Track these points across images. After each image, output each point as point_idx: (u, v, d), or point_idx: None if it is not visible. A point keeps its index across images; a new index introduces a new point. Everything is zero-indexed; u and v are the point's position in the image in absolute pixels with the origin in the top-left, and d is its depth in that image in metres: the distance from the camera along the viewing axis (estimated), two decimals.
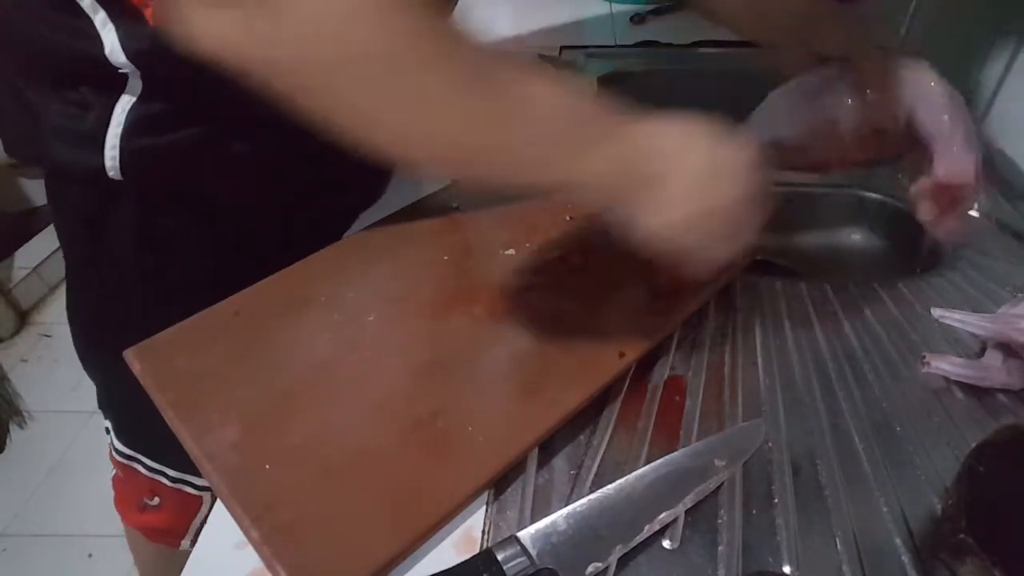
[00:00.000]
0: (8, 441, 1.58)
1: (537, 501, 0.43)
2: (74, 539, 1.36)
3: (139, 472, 0.72)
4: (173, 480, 0.72)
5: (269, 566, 0.38)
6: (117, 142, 0.52)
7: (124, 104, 0.52)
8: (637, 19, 1.18)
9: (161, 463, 0.72)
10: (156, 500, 0.73)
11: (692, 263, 0.43)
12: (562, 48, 0.99)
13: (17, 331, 1.88)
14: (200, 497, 0.73)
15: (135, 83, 0.52)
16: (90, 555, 1.33)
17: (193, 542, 0.75)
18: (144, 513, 0.74)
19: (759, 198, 0.42)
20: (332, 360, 0.50)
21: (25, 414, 1.62)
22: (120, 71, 0.51)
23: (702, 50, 1.10)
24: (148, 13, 0.49)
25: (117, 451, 0.73)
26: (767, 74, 1.07)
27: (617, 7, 1.18)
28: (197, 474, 0.72)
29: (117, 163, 0.53)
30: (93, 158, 0.53)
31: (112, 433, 0.74)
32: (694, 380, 0.51)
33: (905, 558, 0.38)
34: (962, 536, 0.36)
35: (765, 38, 0.62)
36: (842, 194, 0.75)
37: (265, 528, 0.39)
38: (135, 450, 0.72)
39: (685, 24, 1.18)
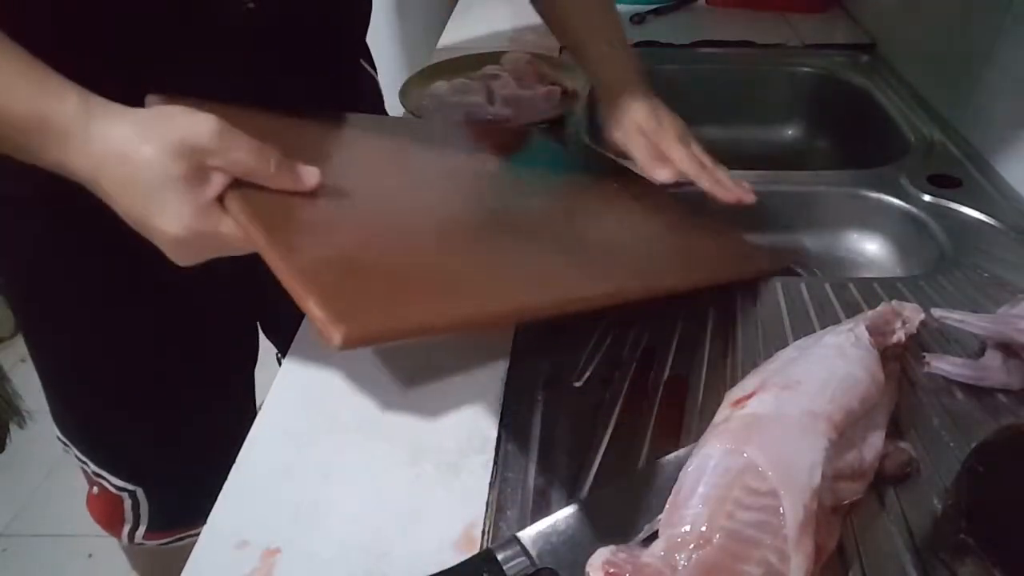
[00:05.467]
0: (8, 441, 1.58)
1: (537, 501, 0.43)
2: (74, 539, 1.36)
3: (74, 458, 0.72)
4: (94, 474, 0.71)
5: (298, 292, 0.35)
6: None
7: None
8: (637, 19, 1.18)
9: (83, 455, 0.71)
10: (95, 489, 0.73)
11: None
12: (562, 48, 0.99)
13: (17, 331, 1.88)
14: (119, 496, 0.72)
15: None
16: (90, 555, 1.33)
17: (130, 538, 0.74)
18: (94, 501, 0.74)
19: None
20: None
21: (25, 414, 1.62)
22: None
23: (702, 50, 1.10)
24: None
25: (57, 435, 0.72)
26: (765, 74, 1.07)
27: (617, 7, 1.18)
28: (114, 472, 0.70)
29: None
30: None
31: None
32: (694, 380, 0.51)
33: (905, 558, 0.38)
34: (962, 536, 0.36)
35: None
36: (842, 194, 0.75)
37: (305, 259, 0.37)
38: (64, 436, 0.71)
39: (685, 24, 1.18)
